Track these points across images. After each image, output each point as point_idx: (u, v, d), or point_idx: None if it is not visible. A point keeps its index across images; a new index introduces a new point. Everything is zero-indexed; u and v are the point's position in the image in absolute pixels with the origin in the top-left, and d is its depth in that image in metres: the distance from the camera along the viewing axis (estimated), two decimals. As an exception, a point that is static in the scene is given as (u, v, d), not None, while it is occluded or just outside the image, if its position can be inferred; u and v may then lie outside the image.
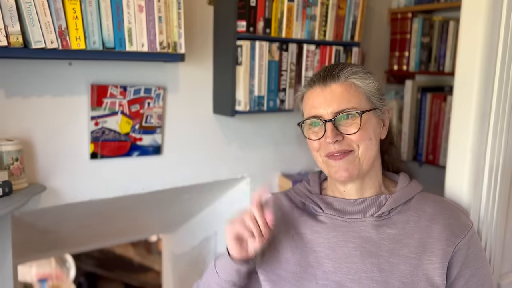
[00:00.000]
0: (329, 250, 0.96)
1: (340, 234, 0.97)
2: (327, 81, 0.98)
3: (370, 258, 0.92)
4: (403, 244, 0.93)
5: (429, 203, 1.00)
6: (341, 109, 0.95)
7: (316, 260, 0.96)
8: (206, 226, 1.99)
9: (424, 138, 1.83)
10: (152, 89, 1.36)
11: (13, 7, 1.01)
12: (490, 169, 1.12)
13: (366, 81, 0.98)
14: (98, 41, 1.14)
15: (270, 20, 1.41)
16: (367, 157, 0.97)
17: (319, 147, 0.98)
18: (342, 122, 0.95)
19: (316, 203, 1.03)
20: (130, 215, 1.78)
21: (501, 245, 1.19)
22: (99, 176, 1.34)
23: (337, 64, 1.02)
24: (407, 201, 1.00)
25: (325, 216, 1.00)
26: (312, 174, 1.13)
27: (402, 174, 1.07)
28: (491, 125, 1.10)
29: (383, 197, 0.99)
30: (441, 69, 1.83)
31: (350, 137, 0.95)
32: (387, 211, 0.97)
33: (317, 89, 0.99)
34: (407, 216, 0.97)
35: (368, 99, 0.98)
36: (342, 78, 0.97)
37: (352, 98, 0.96)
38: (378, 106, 0.99)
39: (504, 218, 1.19)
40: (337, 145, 0.95)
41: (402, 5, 1.90)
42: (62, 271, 3.33)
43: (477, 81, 1.07)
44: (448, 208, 1.00)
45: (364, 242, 0.94)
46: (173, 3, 1.24)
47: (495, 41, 1.07)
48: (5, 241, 1.21)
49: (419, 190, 1.03)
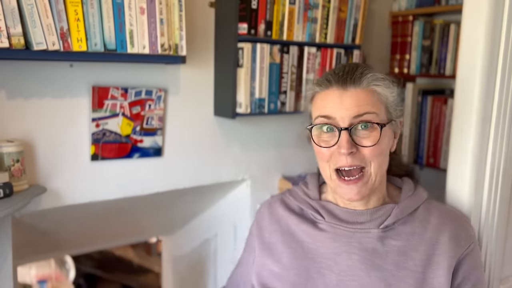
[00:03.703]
0: (331, 261, 0.90)
1: (343, 245, 0.91)
2: (347, 84, 0.87)
3: (376, 272, 0.87)
4: (408, 257, 0.89)
5: (434, 214, 0.95)
6: (359, 118, 0.85)
7: (318, 271, 0.90)
8: (206, 228, 1.99)
9: (424, 141, 1.82)
10: (153, 91, 1.36)
11: (15, 8, 1.01)
12: (491, 173, 1.12)
13: (389, 89, 0.90)
14: (99, 43, 1.14)
15: (271, 23, 1.41)
16: (379, 174, 0.89)
17: (329, 157, 0.88)
18: (358, 132, 0.86)
19: (317, 210, 0.97)
20: (130, 217, 1.78)
21: (502, 249, 1.19)
22: (99, 178, 1.34)
23: (356, 65, 0.92)
24: (412, 211, 0.95)
25: (327, 224, 0.94)
26: (310, 177, 1.07)
27: (405, 180, 1.02)
28: (492, 128, 1.10)
29: (388, 207, 0.93)
30: (442, 72, 1.83)
31: (364, 150, 0.86)
32: (392, 222, 0.92)
33: (334, 91, 0.88)
34: (413, 228, 0.92)
35: (386, 109, 0.90)
36: (364, 83, 0.87)
37: (372, 107, 0.86)
38: (394, 117, 0.91)
39: (505, 221, 1.18)
40: (350, 158, 0.85)
41: (403, 8, 1.90)
42: (62, 272, 3.32)
43: (478, 84, 1.07)
44: (453, 218, 0.96)
45: (369, 254, 0.89)
46: (175, 5, 1.24)
47: (496, 44, 1.07)
48: (5, 242, 1.21)
49: (424, 199, 0.98)
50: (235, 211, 1.75)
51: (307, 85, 1.49)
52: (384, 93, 0.89)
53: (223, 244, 1.87)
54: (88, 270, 3.70)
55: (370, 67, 0.93)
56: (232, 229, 1.77)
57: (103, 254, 3.72)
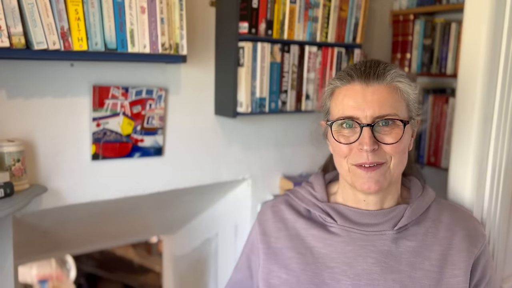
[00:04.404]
0: (346, 266, 0.87)
1: (358, 249, 0.88)
2: (370, 79, 0.85)
3: (392, 274, 0.86)
4: (424, 257, 0.87)
5: (445, 213, 0.95)
6: (382, 114, 0.83)
7: (331, 277, 0.87)
8: (207, 228, 1.99)
9: (426, 140, 1.82)
10: (153, 90, 1.36)
11: (15, 8, 1.01)
12: (493, 172, 1.12)
13: (411, 86, 0.88)
14: (100, 42, 1.14)
15: (272, 22, 1.41)
16: (398, 171, 0.88)
17: (348, 153, 0.86)
18: (379, 129, 0.84)
19: (327, 213, 0.94)
20: (131, 216, 1.78)
21: (504, 248, 1.19)
22: (100, 177, 1.34)
23: (378, 60, 0.91)
24: (424, 211, 0.94)
25: (339, 228, 0.91)
26: (315, 177, 1.04)
27: (413, 180, 1.00)
28: (494, 127, 1.10)
29: (401, 208, 0.92)
30: (443, 71, 1.83)
31: (386, 147, 0.84)
32: (406, 223, 0.90)
33: (357, 86, 0.86)
34: (425, 228, 0.91)
35: (408, 107, 0.89)
36: (388, 79, 0.86)
37: (396, 104, 0.85)
38: (414, 116, 0.90)
39: (506, 221, 1.18)
40: (371, 155, 0.83)
41: (404, 7, 1.90)
42: (63, 272, 3.33)
43: (479, 83, 1.07)
44: (464, 218, 0.96)
45: (384, 256, 0.87)
46: (175, 4, 1.24)
47: (498, 43, 1.06)
48: (6, 242, 1.21)
49: (433, 198, 0.97)
50: (236, 210, 1.75)
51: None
52: (406, 90, 0.88)
53: (224, 243, 1.86)
54: (89, 269, 3.70)
55: (392, 63, 0.91)
56: (233, 229, 1.77)
57: (104, 253, 3.72)
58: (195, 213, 1.99)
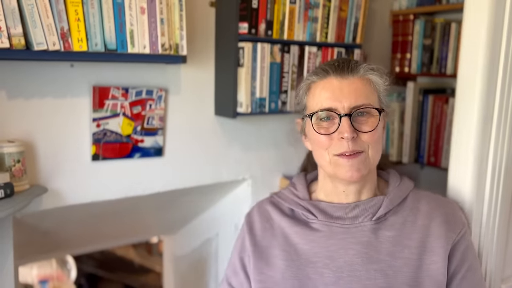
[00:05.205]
0: (328, 259, 0.90)
1: (339, 242, 0.92)
2: (345, 73, 0.91)
3: (373, 264, 0.89)
4: (403, 246, 0.90)
5: (423, 201, 0.98)
6: (358, 104, 0.89)
7: (314, 271, 0.91)
8: (208, 228, 1.99)
9: (425, 140, 1.82)
10: (153, 91, 1.36)
11: (15, 9, 1.01)
12: (493, 172, 1.12)
13: (382, 79, 0.94)
14: (100, 43, 1.14)
15: (272, 22, 1.41)
16: (375, 159, 0.93)
17: (329, 144, 0.91)
18: (356, 119, 0.90)
19: (308, 210, 0.97)
20: (131, 216, 1.78)
21: (504, 248, 1.19)
22: (100, 178, 1.34)
23: (348, 58, 0.97)
24: (402, 200, 0.97)
25: (320, 223, 0.95)
26: (297, 178, 1.07)
27: (391, 171, 1.04)
28: (494, 127, 1.10)
29: (378, 199, 0.96)
30: (442, 71, 1.83)
31: (363, 136, 0.89)
32: (383, 213, 0.94)
33: (332, 80, 0.91)
34: (404, 217, 0.94)
35: (379, 98, 0.94)
36: (361, 71, 0.92)
37: (369, 95, 0.91)
38: (385, 107, 0.96)
39: (506, 220, 1.18)
40: (351, 143, 0.88)
41: (404, 7, 1.90)
42: (63, 272, 3.33)
43: (479, 83, 1.07)
44: (442, 205, 0.98)
45: (364, 247, 0.90)
46: (175, 5, 1.24)
47: (498, 43, 1.06)
48: (7, 242, 1.21)
49: (411, 187, 1.01)
50: (236, 210, 1.75)
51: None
52: (378, 81, 0.94)
53: (224, 243, 1.87)
54: (90, 270, 3.70)
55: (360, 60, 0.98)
56: (233, 229, 1.77)
57: (105, 254, 3.72)
58: (195, 213, 1.99)
